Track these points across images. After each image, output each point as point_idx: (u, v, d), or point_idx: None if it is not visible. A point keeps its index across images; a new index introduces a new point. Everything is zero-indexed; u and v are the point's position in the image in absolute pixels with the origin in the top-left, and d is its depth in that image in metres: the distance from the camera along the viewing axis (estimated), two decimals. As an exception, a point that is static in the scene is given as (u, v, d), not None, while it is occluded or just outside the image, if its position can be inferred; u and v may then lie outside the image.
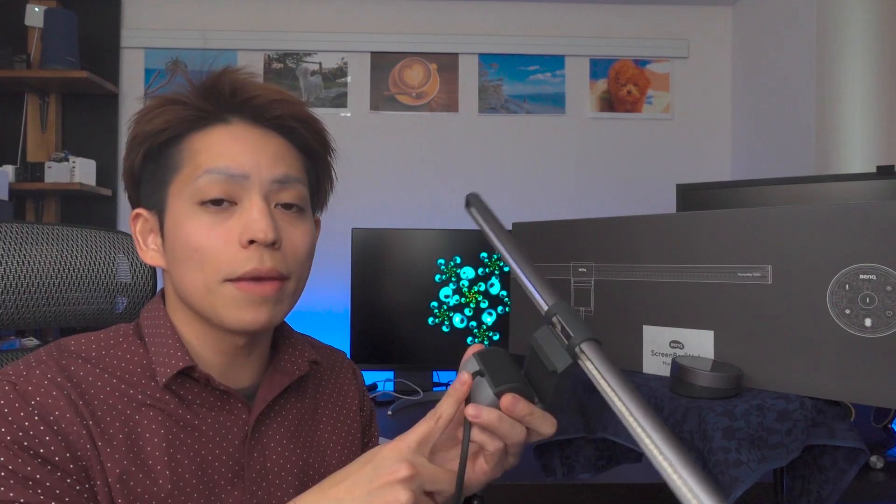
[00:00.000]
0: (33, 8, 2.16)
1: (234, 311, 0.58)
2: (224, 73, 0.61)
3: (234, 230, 0.58)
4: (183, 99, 0.61)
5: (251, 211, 0.58)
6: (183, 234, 0.58)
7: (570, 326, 0.47)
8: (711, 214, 0.78)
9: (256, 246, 0.57)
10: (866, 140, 1.69)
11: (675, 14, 2.43)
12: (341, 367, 0.77)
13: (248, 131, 0.61)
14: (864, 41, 1.70)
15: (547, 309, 0.50)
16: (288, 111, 0.63)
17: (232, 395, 0.61)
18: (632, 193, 2.41)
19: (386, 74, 2.37)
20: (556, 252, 0.93)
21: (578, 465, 0.89)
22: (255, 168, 0.59)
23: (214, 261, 0.57)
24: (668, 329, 0.81)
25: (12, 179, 2.08)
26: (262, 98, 0.61)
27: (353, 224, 2.36)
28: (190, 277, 0.58)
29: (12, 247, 0.82)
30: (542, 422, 0.51)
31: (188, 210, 0.58)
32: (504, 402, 0.50)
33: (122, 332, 0.62)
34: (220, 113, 0.61)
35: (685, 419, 0.71)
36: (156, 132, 0.60)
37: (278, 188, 0.60)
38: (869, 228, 0.66)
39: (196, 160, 0.59)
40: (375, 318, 1.67)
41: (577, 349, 0.46)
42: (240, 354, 0.63)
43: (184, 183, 0.59)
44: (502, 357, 0.54)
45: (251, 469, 0.61)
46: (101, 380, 0.57)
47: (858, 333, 0.67)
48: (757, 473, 0.65)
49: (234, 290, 0.57)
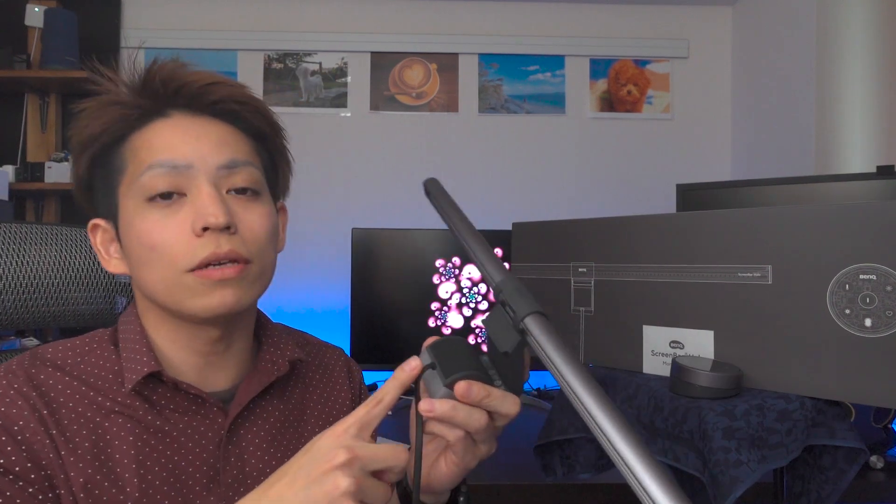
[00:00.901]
0: (33, 8, 2.16)
1: (199, 300, 0.56)
2: (153, 66, 0.60)
3: (187, 221, 0.56)
4: (118, 99, 0.59)
5: (201, 198, 0.56)
6: (136, 234, 0.57)
7: (512, 303, 0.46)
8: (711, 214, 0.78)
9: (211, 232, 0.56)
10: (866, 140, 1.69)
11: (675, 14, 2.43)
12: (334, 365, 0.75)
13: (188, 121, 0.59)
14: (864, 41, 1.70)
15: (494, 287, 0.48)
16: (225, 94, 0.61)
17: (205, 398, 0.60)
18: (632, 193, 2.41)
19: (386, 74, 2.37)
20: (556, 252, 0.93)
21: (578, 464, 0.89)
22: (198, 156, 0.58)
23: (171, 254, 0.56)
24: (668, 329, 0.81)
25: (12, 179, 2.08)
26: (194, 84, 0.60)
27: (353, 224, 2.36)
28: (151, 276, 0.57)
29: (12, 247, 0.82)
30: (502, 402, 0.49)
31: (138, 209, 0.57)
32: (458, 390, 0.48)
33: (98, 337, 0.62)
34: (158, 108, 0.59)
35: (685, 419, 0.71)
36: (96, 136, 0.59)
37: (227, 174, 0.59)
38: (869, 228, 0.66)
39: (138, 157, 0.58)
40: (375, 317, 1.67)
41: (522, 325, 0.44)
42: (215, 352, 0.62)
43: (130, 183, 0.58)
44: (456, 346, 0.51)
45: (227, 474, 0.59)
46: (71, 388, 0.56)
47: (858, 333, 0.67)
48: (757, 473, 0.65)
49: (195, 279, 0.56)
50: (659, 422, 0.73)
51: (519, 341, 0.46)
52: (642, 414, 0.75)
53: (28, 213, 2.24)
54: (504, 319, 0.47)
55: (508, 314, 0.46)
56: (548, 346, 0.42)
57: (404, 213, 2.34)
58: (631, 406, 0.77)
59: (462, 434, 0.50)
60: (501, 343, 0.47)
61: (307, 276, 2.31)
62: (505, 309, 0.47)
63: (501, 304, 0.48)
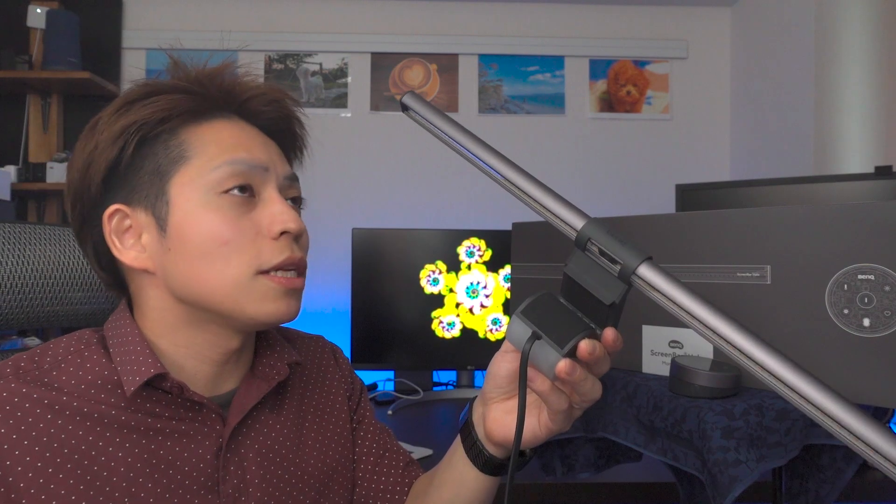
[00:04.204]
0: (35, 9, 2.16)
1: (266, 304, 0.55)
2: (226, 68, 0.60)
3: (262, 222, 0.56)
4: (183, 87, 0.58)
5: (276, 203, 0.57)
6: (205, 228, 0.54)
7: (613, 252, 0.42)
8: (711, 214, 0.78)
9: (287, 237, 0.57)
10: (864, 140, 1.70)
11: (675, 15, 2.44)
12: (321, 357, 0.73)
13: (251, 129, 0.61)
14: (862, 42, 1.70)
15: (579, 232, 0.44)
16: (285, 114, 0.63)
17: (206, 405, 0.57)
18: (631, 193, 2.41)
19: (386, 75, 2.38)
20: (557, 252, 0.93)
21: (578, 464, 0.89)
22: (272, 162, 0.59)
23: (245, 253, 0.55)
24: (667, 329, 0.82)
25: (14, 180, 2.09)
26: (264, 98, 0.61)
27: (353, 224, 2.37)
28: (212, 273, 0.54)
29: (13, 247, 0.82)
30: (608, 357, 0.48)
31: (207, 202, 0.55)
32: (582, 352, 0.45)
33: (87, 340, 0.58)
34: (220, 107, 0.60)
35: (684, 419, 0.71)
36: (155, 121, 0.56)
37: (289, 184, 0.61)
38: (867, 229, 0.66)
39: (208, 151, 0.56)
40: (375, 317, 1.68)
41: (636, 275, 0.41)
42: (230, 361, 0.60)
43: (195, 174, 0.55)
44: (548, 305, 0.47)
45: (227, 484, 0.57)
46: (48, 398, 0.52)
47: (857, 333, 0.67)
48: (756, 473, 0.65)
49: (268, 282, 0.55)
50: (658, 421, 0.74)
51: (625, 290, 0.43)
52: (642, 413, 0.76)
53: (30, 214, 2.25)
54: (597, 269, 0.43)
55: (604, 263, 0.43)
56: (672, 290, 0.40)
57: (404, 213, 2.35)
58: (630, 406, 0.78)
59: (572, 400, 0.50)
60: (605, 294, 0.43)
61: (307, 276, 2.31)
62: (599, 258, 0.43)
63: (589, 251, 0.44)
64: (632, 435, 0.77)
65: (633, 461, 0.90)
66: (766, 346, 0.36)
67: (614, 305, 0.43)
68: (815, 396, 0.34)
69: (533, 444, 0.55)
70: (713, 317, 0.38)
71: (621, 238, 0.43)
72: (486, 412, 0.57)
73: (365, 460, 0.71)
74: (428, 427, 1.39)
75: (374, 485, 0.71)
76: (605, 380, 0.85)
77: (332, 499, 0.66)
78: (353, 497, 0.70)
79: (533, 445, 0.56)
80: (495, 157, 0.48)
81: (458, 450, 0.61)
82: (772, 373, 0.35)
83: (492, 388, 0.55)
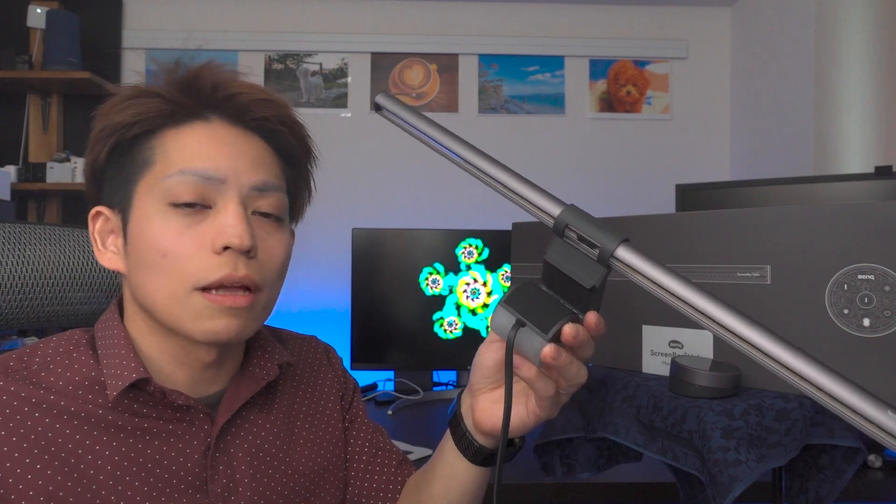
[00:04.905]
0: (35, 9, 2.17)
1: (201, 323, 0.53)
2: (205, 68, 0.57)
3: (207, 235, 0.53)
4: (158, 91, 0.55)
5: (226, 215, 0.53)
6: (150, 237, 0.53)
7: (591, 235, 0.43)
8: (711, 214, 0.78)
9: (230, 252, 0.53)
10: (864, 140, 1.70)
11: (674, 15, 2.44)
12: (314, 357, 0.73)
13: (228, 131, 0.56)
14: (862, 42, 1.71)
15: (556, 218, 0.44)
16: (274, 113, 0.59)
17: (191, 407, 0.56)
18: (631, 193, 2.41)
19: (386, 75, 2.38)
20: (556, 252, 0.93)
21: (578, 464, 0.89)
22: (233, 172, 0.55)
23: (184, 267, 0.52)
24: (667, 329, 0.82)
25: (14, 180, 2.09)
26: (246, 96, 0.57)
27: (353, 224, 2.37)
28: (154, 284, 0.53)
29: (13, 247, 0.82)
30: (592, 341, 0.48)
31: (157, 211, 0.53)
32: (565, 336, 0.46)
33: (77, 340, 0.57)
34: (199, 109, 0.56)
35: (684, 419, 0.71)
36: (127, 124, 0.55)
37: (257, 195, 0.56)
38: (867, 228, 0.66)
39: (169, 157, 0.54)
40: (375, 317, 1.68)
41: (614, 258, 0.42)
42: (208, 370, 0.59)
43: (154, 181, 0.54)
44: (531, 293, 0.48)
45: (216, 483, 0.57)
46: (36, 396, 0.52)
47: (857, 333, 0.67)
48: (756, 473, 0.65)
49: (203, 300, 0.52)
50: (658, 421, 0.74)
51: (604, 273, 0.43)
52: (642, 413, 0.76)
53: (30, 214, 2.25)
54: (577, 254, 0.44)
55: (582, 248, 0.44)
56: (650, 270, 0.40)
57: (404, 213, 2.35)
58: (630, 405, 0.78)
59: (559, 386, 0.50)
60: (585, 279, 0.44)
61: (307, 277, 2.31)
62: (576, 243, 0.44)
63: (568, 237, 0.44)
64: (632, 435, 0.77)
65: (633, 461, 0.90)
66: (743, 317, 0.36)
67: (595, 289, 0.44)
68: (792, 362, 0.34)
69: (521, 431, 0.55)
70: (691, 292, 0.38)
71: (598, 223, 0.43)
72: (473, 403, 0.57)
73: (358, 459, 0.71)
74: (428, 427, 1.39)
75: (367, 483, 0.71)
76: (606, 380, 0.85)
77: (323, 497, 0.66)
78: (345, 496, 0.70)
79: (521, 433, 0.56)
80: (470, 150, 0.49)
81: (447, 443, 0.61)
82: (751, 343, 0.35)
83: (479, 378, 0.56)
